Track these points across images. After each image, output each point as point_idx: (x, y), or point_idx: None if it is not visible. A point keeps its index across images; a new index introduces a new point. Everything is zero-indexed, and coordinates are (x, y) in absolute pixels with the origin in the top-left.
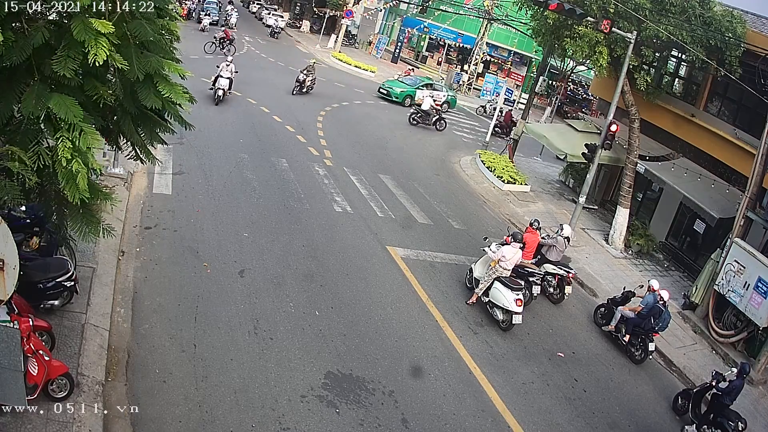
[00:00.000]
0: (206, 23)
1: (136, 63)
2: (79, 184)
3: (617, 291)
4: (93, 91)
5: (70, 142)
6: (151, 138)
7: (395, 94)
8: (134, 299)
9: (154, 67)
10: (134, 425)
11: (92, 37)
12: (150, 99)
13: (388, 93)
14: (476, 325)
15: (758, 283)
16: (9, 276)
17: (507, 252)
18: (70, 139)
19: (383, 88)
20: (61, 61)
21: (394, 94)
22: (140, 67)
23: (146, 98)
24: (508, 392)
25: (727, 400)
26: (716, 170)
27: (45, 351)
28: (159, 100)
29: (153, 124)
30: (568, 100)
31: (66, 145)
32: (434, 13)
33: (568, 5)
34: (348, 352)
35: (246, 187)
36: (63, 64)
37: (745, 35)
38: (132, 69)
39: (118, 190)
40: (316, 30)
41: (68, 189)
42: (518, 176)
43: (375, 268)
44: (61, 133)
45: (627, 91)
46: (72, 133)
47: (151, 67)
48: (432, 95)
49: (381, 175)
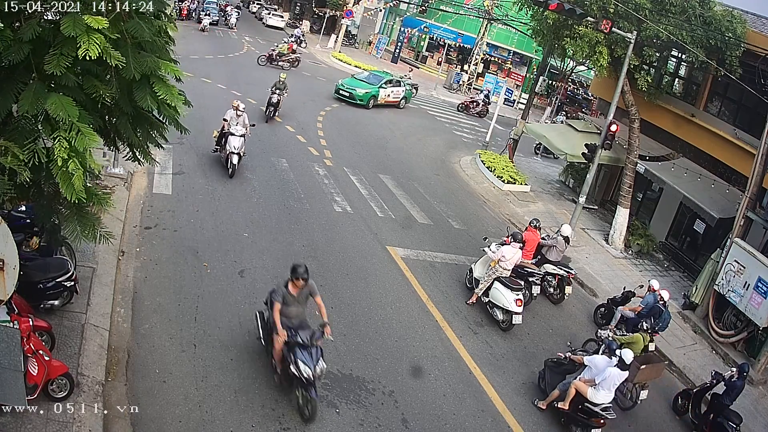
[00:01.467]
0: (206, 23)
1: (132, 62)
2: (75, 185)
3: (617, 291)
4: (91, 90)
5: (67, 142)
6: (148, 139)
7: (359, 97)
8: (134, 299)
9: (150, 67)
10: (134, 425)
11: (83, 32)
12: (145, 100)
13: (351, 95)
14: (476, 325)
15: (758, 283)
16: (9, 276)
17: (507, 252)
18: (66, 139)
19: (343, 89)
20: (53, 58)
21: (358, 96)
22: (137, 67)
23: (142, 99)
24: (508, 392)
25: (727, 401)
26: (716, 170)
27: (45, 351)
28: (155, 101)
29: (150, 125)
30: (568, 100)
31: (62, 144)
32: (436, 14)
33: (568, 5)
34: (348, 352)
35: (246, 187)
36: (55, 61)
37: (745, 35)
38: (128, 68)
39: (118, 190)
40: (316, 30)
41: (65, 189)
42: (518, 176)
43: (375, 268)
44: (58, 132)
45: (627, 91)
46: (69, 133)
47: (148, 67)
48: (393, 92)
49: (381, 175)
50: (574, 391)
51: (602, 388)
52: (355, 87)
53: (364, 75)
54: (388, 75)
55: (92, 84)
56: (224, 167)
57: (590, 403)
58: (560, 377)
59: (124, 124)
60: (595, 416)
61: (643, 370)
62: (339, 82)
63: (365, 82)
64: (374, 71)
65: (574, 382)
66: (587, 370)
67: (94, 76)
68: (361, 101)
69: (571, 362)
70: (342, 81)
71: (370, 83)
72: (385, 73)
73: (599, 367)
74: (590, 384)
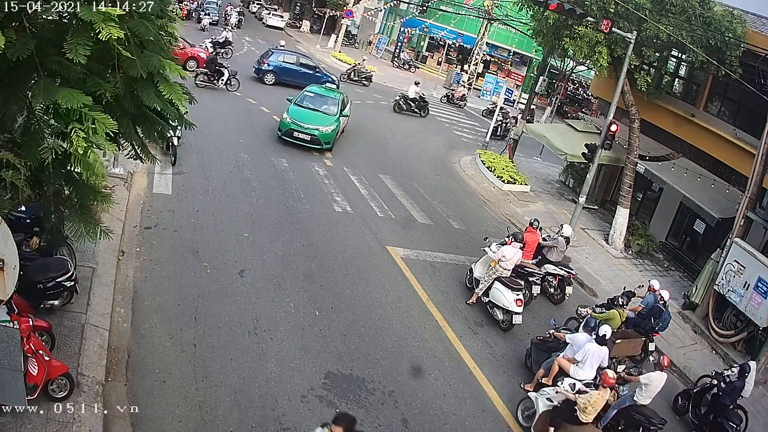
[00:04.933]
0: (206, 23)
1: (138, 61)
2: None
3: (617, 291)
4: (95, 88)
5: (84, 132)
6: (149, 137)
7: (325, 138)
8: (134, 299)
9: (155, 66)
10: (134, 425)
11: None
12: (151, 99)
13: (314, 139)
14: (476, 325)
15: (758, 283)
16: (9, 276)
17: (507, 252)
18: (83, 129)
19: (300, 130)
20: (72, 48)
21: (324, 137)
22: (143, 65)
23: (147, 98)
24: (508, 392)
25: (727, 401)
26: (716, 170)
27: (45, 351)
28: (160, 100)
29: (152, 123)
30: (568, 100)
31: (80, 135)
32: (436, 14)
33: (568, 5)
34: (348, 352)
35: (246, 187)
36: (74, 51)
37: (745, 35)
38: (135, 66)
39: (118, 190)
40: (316, 30)
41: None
42: (518, 176)
43: (375, 268)
44: (73, 124)
45: (627, 91)
46: (85, 123)
47: (153, 66)
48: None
49: (381, 175)
50: (558, 368)
51: (584, 365)
52: (315, 123)
53: (309, 97)
54: (336, 93)
55: (96, 83)
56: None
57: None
58: (546, 355)
59: (126, 123)
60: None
61: (619, 345)
62: (284, 116)
63: (321, 112)
64: (321, 91)
65: (557, 359)
66: (569, 347)
67: (98, 75)
68: (328, 145)
69: (555, 340)
70: (289, 114)
71: (327, 112)
72: (334, 92)
73: (579, 343)
74: (573, 362)
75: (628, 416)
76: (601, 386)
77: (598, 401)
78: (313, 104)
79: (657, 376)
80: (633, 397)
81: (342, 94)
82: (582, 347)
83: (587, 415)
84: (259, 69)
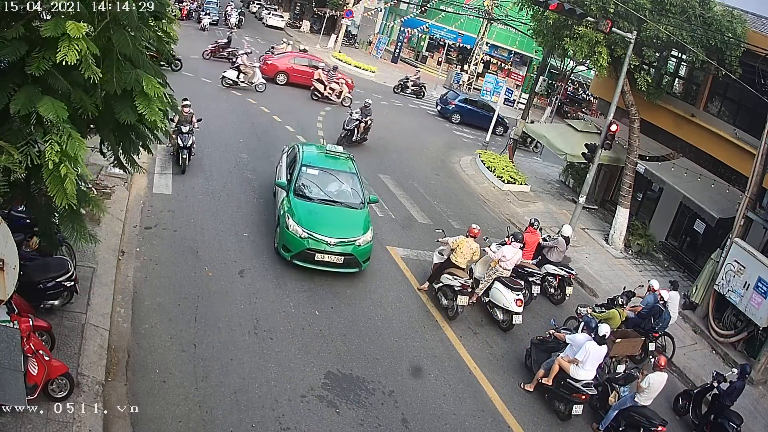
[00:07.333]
0: (206, 23)
1: (115, 76)
2: (67, 189)
3: (617, 291)
4: (78, 102)
5: (59, 145)
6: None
7: (364, 255)
8: (134, 299)
9: (132, 82)
10: (134, 425)
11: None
12: (125, 114)
13: (350, 260)
14: (476, 325)
15: (758, 283)
16: (9, 276)
17: (507, 252)
18: (58, 142)
19: (317, 249)
20: (35, 60)
21: (363, 254)
22: (119, 82)
23: (121, 113)
24: (508, 392)
25: (727, 401)
26: (716, 170)
27: (45, 351)
28: (134, 116)
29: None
30: (568, 100)
31: (54, 148)
32: (437, 14)
33: (568, 5)
34: (348, 352)
35: (246, 187)
36: (36, 64)
37: (745, 35)
38: (110, 82)
39: (118, 190)
40: (316, 30)
41: (56, 194)
42: (518, 176)
43: (375, 268)
44: (50, 135)
45: (627, 91)
46: (60, 137)
47: (130, 82)
48: None
49: (381, 175)
50: (558, 368)
51: (585, 365)
52: (343, 230)
53: (313, 178)
54: (344, 158)
55: (79, 96)
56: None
57: (572, 379)
58: (545, 355)
59: (108, 135)
60: (577, 392)
61: (619, 344)
62: (288, 223)
63: (344, 204)
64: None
65: (557, 358)
66: (569, 348)
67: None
68: (366, 263)
69: (555, 340)
70: (298, 220)
71: (351, 203)
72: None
73: (579, 343)
74: (573, 362)
75: (628, 417)
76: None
77: (463, 243)
78: (325, 189)
79: (657, 377)
80: (634, 398)
81: (350, 158)
82: (582, 347)
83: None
84: (446, 109)
